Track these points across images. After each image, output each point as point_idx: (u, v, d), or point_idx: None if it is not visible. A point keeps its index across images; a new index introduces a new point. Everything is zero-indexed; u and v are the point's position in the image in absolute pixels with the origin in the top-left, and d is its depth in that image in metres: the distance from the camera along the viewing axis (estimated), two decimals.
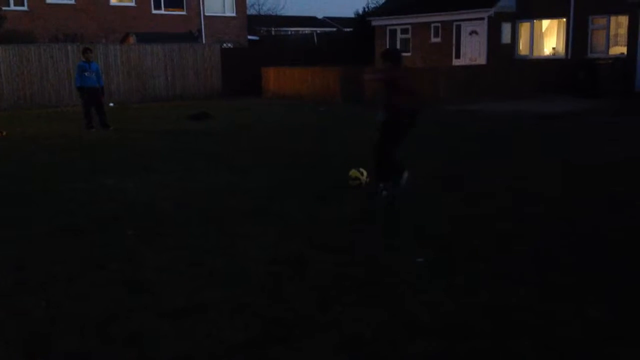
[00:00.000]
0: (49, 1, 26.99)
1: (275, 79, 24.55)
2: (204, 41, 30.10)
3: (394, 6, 29.41)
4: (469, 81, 20.27)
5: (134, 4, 29.47)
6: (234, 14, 33.40)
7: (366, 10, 34.55)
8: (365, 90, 18.88)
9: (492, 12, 24.96)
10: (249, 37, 35.03)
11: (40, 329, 4.14)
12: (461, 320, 4.14)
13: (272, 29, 44.70)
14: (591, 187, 8.00)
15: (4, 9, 24.34)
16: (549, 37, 25.37)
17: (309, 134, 13.53)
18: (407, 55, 25.59)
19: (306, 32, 41.27)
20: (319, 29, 42.56)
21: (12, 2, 26.12)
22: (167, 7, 30.50)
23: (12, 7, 25.90)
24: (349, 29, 35.90)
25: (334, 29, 44.01)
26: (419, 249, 5.55)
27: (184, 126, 15.57)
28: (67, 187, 8.47)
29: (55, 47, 22.36)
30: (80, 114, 15.41)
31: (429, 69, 21.85)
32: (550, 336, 3.90)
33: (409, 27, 28.12)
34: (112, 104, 20.89)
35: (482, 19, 25.31)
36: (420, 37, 27.57)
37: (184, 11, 31.12)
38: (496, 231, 6.14)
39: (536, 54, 25.34)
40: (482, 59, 25.26)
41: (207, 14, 31.81)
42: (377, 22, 29.22)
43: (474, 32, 25.90)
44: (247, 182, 8.63)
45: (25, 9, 26.51)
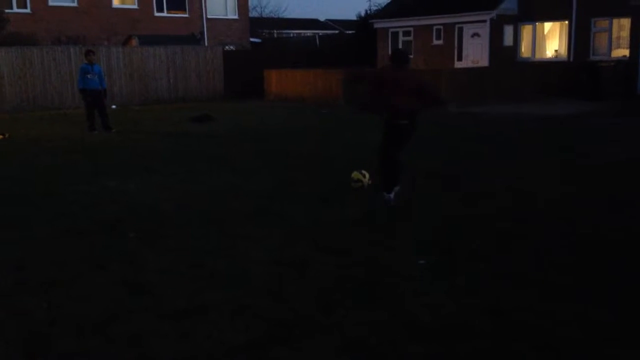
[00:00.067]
0: (51, 3, 27.03)
1: (277, 81, 24.57)
2: (207, 44, 30.14)
3: (396, 9, 29.44)
4: (471, 84, 20.26)
5: (136, 7, 29.50)
6: (236, 17, 33.43)
7: (368, 12, 34.59)
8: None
9: (494, 14, 24.97)
10: (251, 39, 35.06)
11: (40, 329, 4.15)
12: (461, 320, 4.15)
13: (274, 32, 44.74)
14: (592, 187, 8.00)
15: (6, 11, 24.40)
16: (551, 40, 25.37)
17: (311, 136, 13.54)
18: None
19: (308, 34, 41.34)
20: (321, 32, 42.60)
21: (14, 5, 26.16)
22: (169, 9, 30.53)
23: (15, 10, 25.94)
24: (351, 32, 35.92)
25: (336, 32, 44.00)
26: (419, 250, 5.56)
27: (186, 128, 15.60)
28: (69, 189, 8.50)
29: (58, 49, 22.41)
30: (82, 116, 15.44)
31: (431, 71, 21.84)
32: (550, 336, 3.91)
33: (411, 29, 28.14)
34: (114, 106, 20.92)
35: (484, 22, 25.32)
36: (422, 40, 27.58)
37: (186, 14, 31.14)
38: (496, 231, 6.15)
39: (538, 56, 25.33)
40: (484, 62, 25.26)
41: (209, 17, 31.84)
42: (379, 25, 29.24)
43: (476, 35, 25.91)
44: (249, 184, 8.65)
45: (28, 11, 26.55)
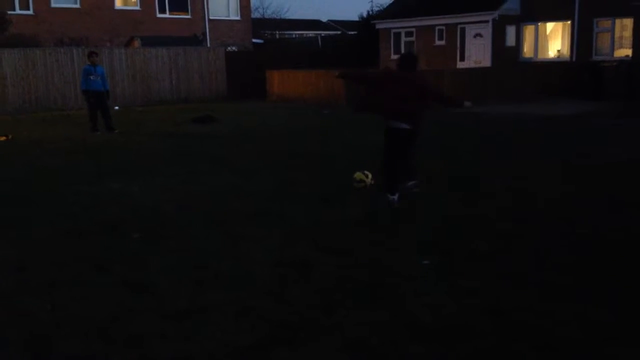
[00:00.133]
0: (54, 5, 27.10)
1: (279, 82, 24.60)
2: (209, 45, 30.18)
3: (398, 9, 29.46)
4: (473, 84, 20.27)
5: (138, 8, 29.55)
6: (239, 18, 33.48)
7: (370, 13, 34.59)
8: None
9: (496, 15, 24.99)
10: (254, 40, 35.10)
11: (43, 330, 4.16)
12: (462, 320, 4.16)
13: (277, 33, 44.76)
14: (592, 187, 8.00)
15: (9, 12, 24.46)
16: (554, 40, 25.37)
17: (312, 137, 13.54)
18: None
19: (310, 35, 41.37)
20: (323, 32, 42.61)
21: (17, 6, 26.23)
22: (171, 10, 30.57)
23: (18, 11, 26.01)
24: (353, 32, 35.92)
25: (338, 32, 44.01)
26: (420, 250, 5.57)
27: (189, 129, 15.62)
28: (71, 190, 8.51)
29: (60, 50, 22.47)
30: (85, 117, 15.47)
31: (433, 72, 21.85)
32: (550, 336, 3.92)
33: (414, 30, 28.16)
34: (117, 107, 20.95)
35: (487, 22, 25.34)
36: (424, 40, 27.59)
37: (188, 15, 31.19)
38: (497, 231, 6.15)
39: (541, 56, 25.34)
40: (486, 62, 25.27)
41: (211, 18, 31.89)
42: (381, 25, 29.25)
43: (478, 35, 25.92)
44: (251, 185, 8.66)
45: (30, 12, 26.62)
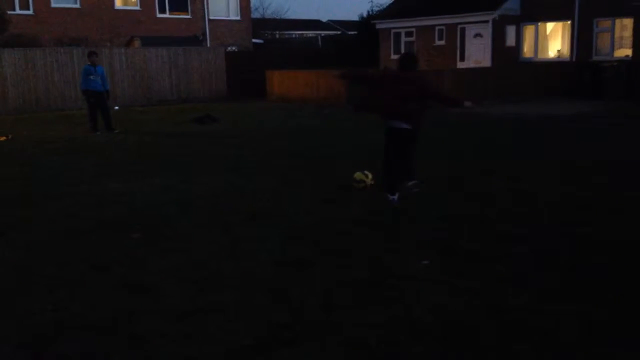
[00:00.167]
0: (54, 5, 27.09)
1: (279, 82, 24.60)
2: (209, 45, 30.17)
3: (398, 9, 29.45)
4: (474, 84, 20.26)
5: (138, 8, 29.54)
6: (239, 18, 33.47)
7: (370, 13, 34.59)
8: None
9: (496, 15, 24.97)
10: (254, 40, 35.11)
11: (43, 330, 4.15)
12: (463, 321, 4.14)
13: (277, 32, 44.78)
14: (592, 188, 7.98)
15: (9, 12, 24.45)
16: (554, 40, 25.35)
17: (313, 137, 13.53)
18: None
19: (310, 35, 41.38)
20: (323, 32, 42.65)
21: (17, 6, 26.21)
22: (171, 10, 30.57)
23: (18, 11, 26.00)
24: (353, 32, 35.93)
25: (339, 32, 44.03)
26: (421, 251, 5.55)
27: (188, 129, 15.61)
28: (72, 190, 8.50)
29: (60, 50, 22.47)
30: (85, 117, 15.47)
31: (433, 72, 21.84)
32: (552, 337, 3.90)
33: (414, 30, 28.14)
34: (117, 107, 20.94)
35: (487, 22, 25.32)
36: (424, 40, 27.58)
37: (188, 15, 31.18)
38: (497, 231, 6.14)
39: (541, 56, 25.32)
40: (486, 62, 25.26)
41: (211, 18, 31.89)
42: (381, 25, 29.24)
43: (478, 35, 25.90)
44: (250, 184, 8.64)
45: (30, 12, 26.61)
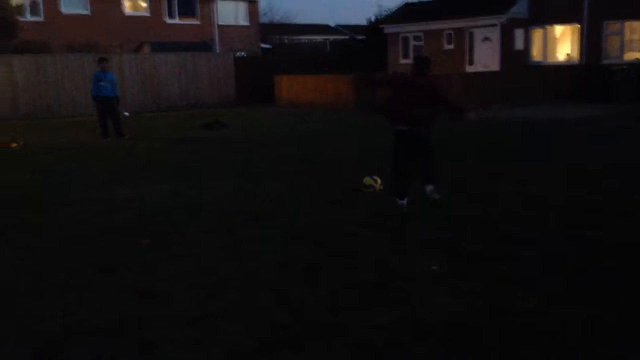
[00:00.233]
0: (64, 12, 27.32)
1: (288, 86, 24.65)
2: (218, 50, 30.29)
3: (406, 13, 29.48)
4: (482, 88, 20.23)
5: (148, 14, 29.73)
6: (247, 23, 33.60)
7: (378, 17, 34.61)
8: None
9: (504, 18, 24.94)
10: (262, 45, 35.22)
11: (53, 336, 4.18)
12: (469, 323, 4.15)
13: (285, 37, 44.86)
14: (602, 191, 7.95)
15: (20, 19, 24.65)
16: (563, 43, 25.28)
17: (321, 142, 13.56)
18: None
19: (319, 40, 41.42)
20: (331, 37, 42.68)
21: (28, 13, 26.45)
22: (181, 16, 30.75)
23: (29, 18, 26.23)
24: (361, 37, 35.96)
25: (347, 37, 44.06)
26: (427, 253, 5.57)
27: (198, 135, 15.68)
28: (81, 196, 8.56)
29: (71, 57, 22.62)
30: (95, 123, 15.55)
31: (442, 76, 21.84)
32: (559, 340, 3.90)
33: (422, 34, 28.15)
34: (127, 113, 21.00)
35: (495, 26, 25.30)
36: (433, 44, 27.57)
37: (197, 21, 31.35)
38: (503, 234, 6.14)
39: (550, 60, 25.25)
40: (495, 66, 25.22)
41: (220, 23, 32.03)
42: (389, 30, 29.27)
43: (487, 39, 25.88)
44: (259, 189, 8.68)
45: (41, 19, 26.84)
